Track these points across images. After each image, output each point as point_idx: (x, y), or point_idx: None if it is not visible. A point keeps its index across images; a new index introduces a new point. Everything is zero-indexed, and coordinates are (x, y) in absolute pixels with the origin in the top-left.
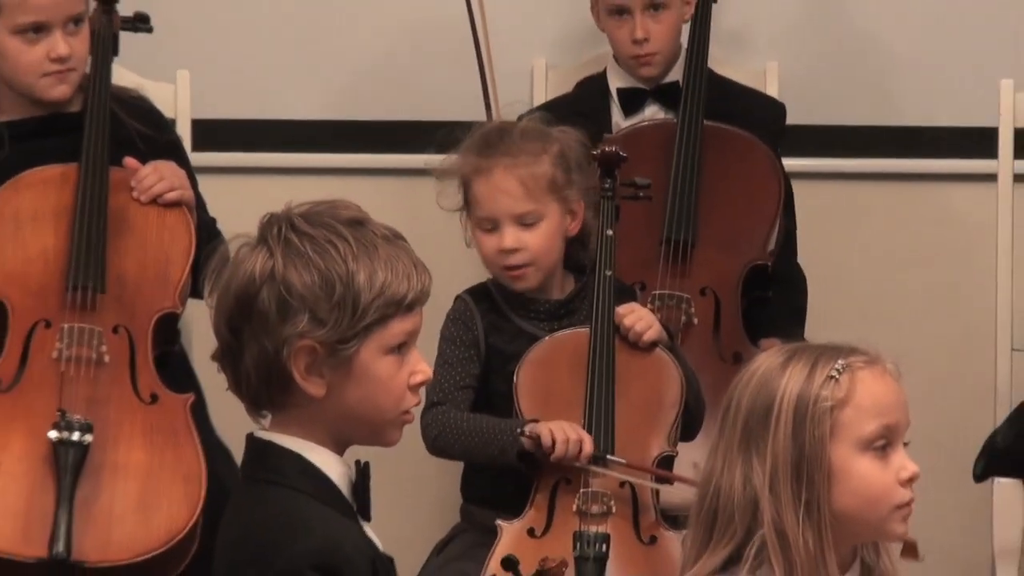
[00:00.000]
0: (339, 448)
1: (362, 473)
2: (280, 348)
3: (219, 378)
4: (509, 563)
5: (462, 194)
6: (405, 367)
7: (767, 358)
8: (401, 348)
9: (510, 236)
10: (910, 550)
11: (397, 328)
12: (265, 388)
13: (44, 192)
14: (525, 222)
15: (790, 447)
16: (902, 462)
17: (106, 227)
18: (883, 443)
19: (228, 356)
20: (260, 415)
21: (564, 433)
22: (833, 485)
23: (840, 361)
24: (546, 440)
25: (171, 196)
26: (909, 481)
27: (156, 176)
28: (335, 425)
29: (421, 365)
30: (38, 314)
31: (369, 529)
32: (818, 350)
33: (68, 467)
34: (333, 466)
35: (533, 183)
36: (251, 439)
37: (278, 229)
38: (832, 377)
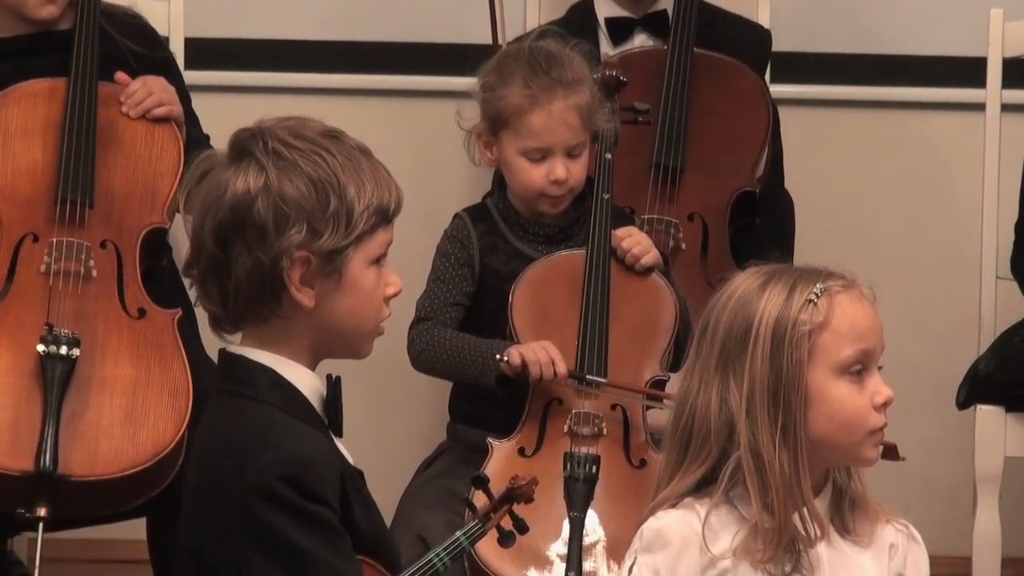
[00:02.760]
0: (312, 363)
1: (334, 387)
2: (278, 259)
3: None
4: (479, 481)
5: (498, 119)
6: (382, 279)
7: (745, 279)
8: (379, 260)
9: (562, 167)
10: (891, 452)
11: (381, 239)
12: (256, 300)
13: (33, 106)
14: (573, 153)
15: (768, 370)
16: (877, 387)
17: (95, 142)
18: (859, 368)
19: (212, 271)
20: (225, 330)
21: (535, 354)
22: (809, 409)
23: (819, 285)
24: (515, 360)
25: (159, 111)
26: (883, 406)
27: (145, 91)
28: (316, 338)
29: (393, 277)
30: (26, 227)
31: (340, 444)
32: (796, 272)
33: (55, 381)
34: (305, 381)
35: (587, 115)
36: (223, 353)
37: (264, 142)
38: (811, 301)
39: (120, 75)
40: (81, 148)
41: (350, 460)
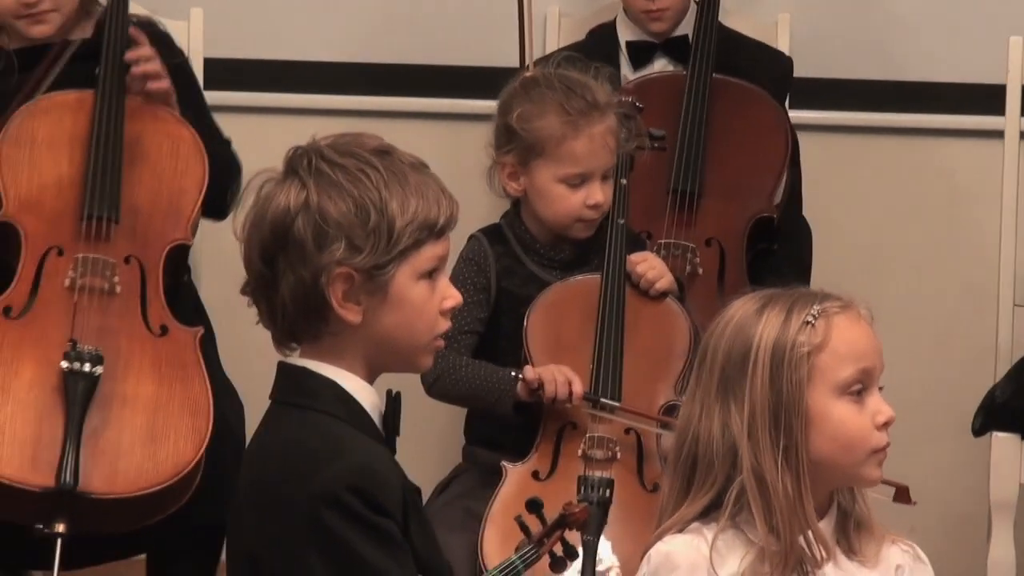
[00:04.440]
0: (371, 377)
1: (394, 402)
2: (318, 276)
3: (228, 316)
4: (534, 506)
5: (534, 148)
6: (437, 292)
7: (742, 305)
8: (432, 274)
9: (602, 190)
10: (903, 495)
11: (429, 253)
12: (302, 317)
13: (60, 118)
14: (607, 176)
15: (768, 393)
16: (878, 406)
17: (122, 156)
18: (859, 388)
19: (261, 288)
20: (289, 348)
21: (552, 374)
22: (811, 430)
23: (816, 307)
24: (531, 377)
25: (156, 86)
26: (885, 425)
27: (157, 62)
28: (369, 353)
29: (451, 290)
30: (51, 241)
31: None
32: (793, 296)
33: (77, 398)
34: (365, 395)
35: (618, 137)
36: (283, 366)
37: (308, 160)
38: (808, 322)
39: (134, 30)
40: (108, 162)
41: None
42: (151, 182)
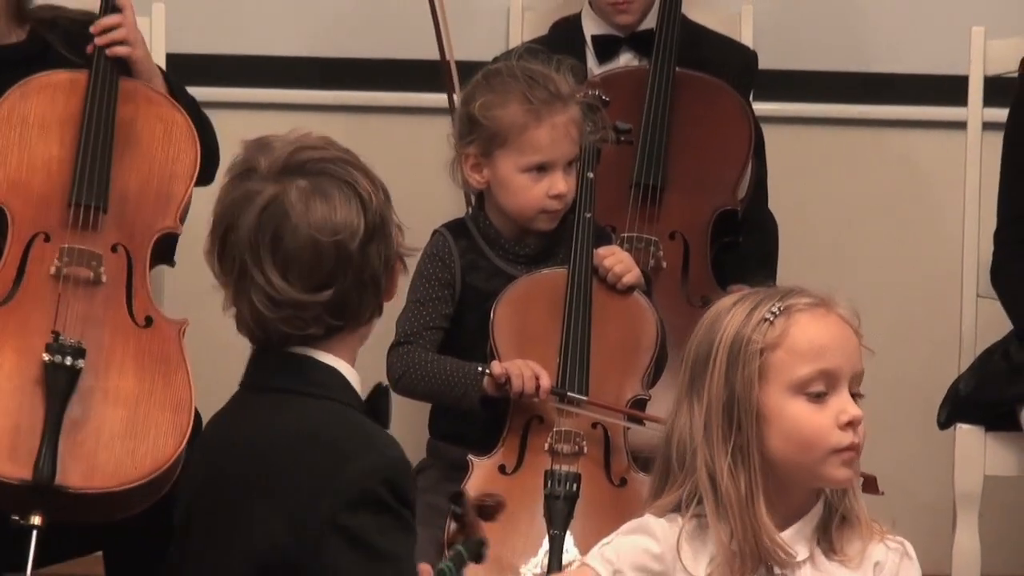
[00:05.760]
0: (353, 363)
1: (384, 396)
2: (392, 257)
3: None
4: (455, 497)
5: (495, 138)
6: None
7: (720, 303)
8: None
9: (564, 181)
10: (870, 485)
11: None
12: (377, 300)
13: (52, 98)
14: (570, 167)
15: (723, 389)
16: (842, 406)
17: (112, 143)
18: (820, 388)
19: (357, 284)
20: (310, 346)
21: (519, 368)
22: (764, 428)
23: (778, 304)
24: (498, 372)
25: (113, 51)
26: (849, 425)
27: (123, 30)
28: (365, 337)
29: None
30: (38, 226)
31: None
32: (765, 293)
33: (58, 391)
34: (356, 381)
35: (581, 128)
36: (283, 353)
37: (342, 157)
38: (767, 319)
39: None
40: (98, 149)
41: None
42: (142, 168)
